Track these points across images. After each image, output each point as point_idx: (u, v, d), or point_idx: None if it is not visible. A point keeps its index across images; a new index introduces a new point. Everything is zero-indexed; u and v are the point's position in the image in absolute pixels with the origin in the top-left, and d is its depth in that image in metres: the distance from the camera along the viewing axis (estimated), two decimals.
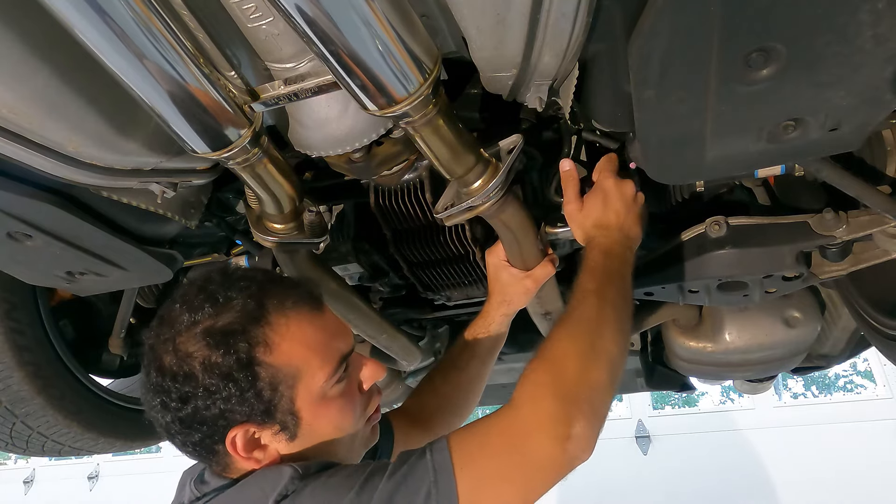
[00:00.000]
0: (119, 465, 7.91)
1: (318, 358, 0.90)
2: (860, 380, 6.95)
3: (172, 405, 0.85)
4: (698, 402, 7.14)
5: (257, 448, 0.89)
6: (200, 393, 0.83)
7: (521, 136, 1.04)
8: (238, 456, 0.87)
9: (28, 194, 1.03)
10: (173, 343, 0.85)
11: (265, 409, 0.86)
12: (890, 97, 0.78)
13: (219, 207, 1.48)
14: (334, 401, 0.92)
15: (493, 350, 1.41)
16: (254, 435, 0.87)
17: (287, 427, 0.89)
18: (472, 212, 1.07)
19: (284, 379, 0.87)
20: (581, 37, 0.78)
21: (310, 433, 0.90)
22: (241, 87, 0.90)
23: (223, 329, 0.85)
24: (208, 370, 0.83)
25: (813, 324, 1.78)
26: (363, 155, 1.13)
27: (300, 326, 0.90)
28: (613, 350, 0.93)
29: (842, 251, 1.31)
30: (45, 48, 0.77)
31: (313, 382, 0.89)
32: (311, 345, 0.90)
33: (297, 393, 0.88)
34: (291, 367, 0.87)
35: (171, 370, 0.84)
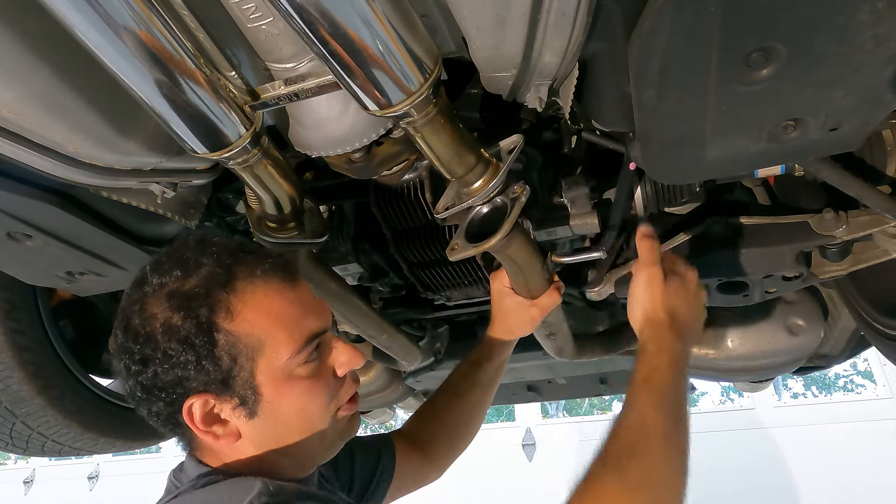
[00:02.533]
0: (119, 465, 7.91)
1: (284, 332, 0.86)
2: (860, 380, 6.95)
3: (133, 368, 0.83)
4: (698, 402, 7.14)
5: (217, 422, 0.85)
6: (159, 357, 0.81)
7: (521, 136, 1.04)
8: (195, 428, 0.84)
9: (28, 194, 1.03)
10: (140, 304, 0.84)
11: (223, 378, 0.83)
12: (890, 97, 0.78)
13: (219, 207, 1.48)
14: (300, 381, 0.88)
15: (496, 378, 1.38)
16: (213, 408, 0.84)
17: (246, 402, 0.85)
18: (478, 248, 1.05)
19: (245, 349, 0.83)
20: (581, 37, 0.78)
21: (272, 413, 0.86)
22: (241, 87, 0.90)
23: (187, 292, 0.83)
24: (168, 333, 0.81)
25: (816, 331, 1.78)
26: (363, 155, 1.13)
27: (267, 296, 0.87)
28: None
29: (842, 251, 1.31)
30: (45, 48, 0.77)
31: (276, 357, 0.85)
32: (277, 317, 0.86)
33: (257, 366, 0.84)
34: (253, 338, 0.84)
35: (135, 331, 0.83)
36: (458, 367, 1.40)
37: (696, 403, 7.14)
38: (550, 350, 1.61)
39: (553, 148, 1.37)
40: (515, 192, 1.05)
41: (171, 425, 0.88)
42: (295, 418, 0.88)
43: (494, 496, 6.28)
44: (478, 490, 6.07)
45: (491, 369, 1.36)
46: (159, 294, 0.83)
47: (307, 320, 0.90)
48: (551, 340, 1.56)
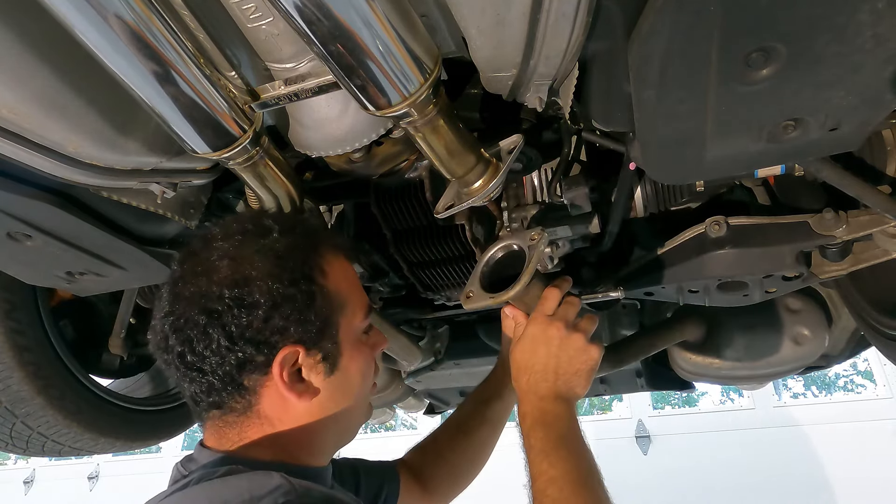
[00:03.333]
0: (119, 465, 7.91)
1: (357, 296, 0.95)
2: (860, 380, 6.96)
3: (227, 316, 0.81)
4: (698, 402, 7.14)
5: (297, 380, 0.86)
6: (263, 300, 0.81)
7: (521, 136, 1.04)
8: (282, 381, 0.83)
9: (28, 194, 1.03)
10: (230, 256, 0.84)
11: (318, 330, 0.86)
12: (890, 97, 0.78)
13: (219, 207, 1.48)
14: (364, 347, 0.95)
15: (504, 416, 1.35)
16: (297, 362, 0.85)
17: (328, 357, 0.88)
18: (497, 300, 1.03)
19: (336, 306, 0.89)
20: (581, 37, 0.78)
21: (344, 373, 0.90)
22: (241, 87, 0.90)
23: (287, 246, 0.86)
24: (275, 279, 0.83)
25: (820, 339, 1.77)
26: (363, 155, 1.13)
27: (343, 265, 0.95)
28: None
29: (842, 251, 1.31)
30: (45, 48, 0.77)
31: (355, 319, 0.93)
32: (352, 283, 0.95)
33: (341, 324, 0.90)
34: (341, 297, 0.90)
35: (232, 279, 0.82)
36: (464, 404, 1.37)
37: (697, 403, 7.15)
38: None
39: (553, 148, 1.37)
40: (534, 239, 1.05)
41: (231, 388, 0.84)
42: (357, 382, 0.94)
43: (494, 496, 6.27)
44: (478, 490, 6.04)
45: (500, 407, 1.32)
46: (253, 247, 0.85)
47: (364, 294, 0.98)
48: None
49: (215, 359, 0.82)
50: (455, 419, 1.36)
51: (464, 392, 2.70)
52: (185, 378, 0.85)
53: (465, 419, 1.34)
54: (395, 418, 7.06)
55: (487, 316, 2.02)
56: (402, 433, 7.67)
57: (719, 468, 6.29)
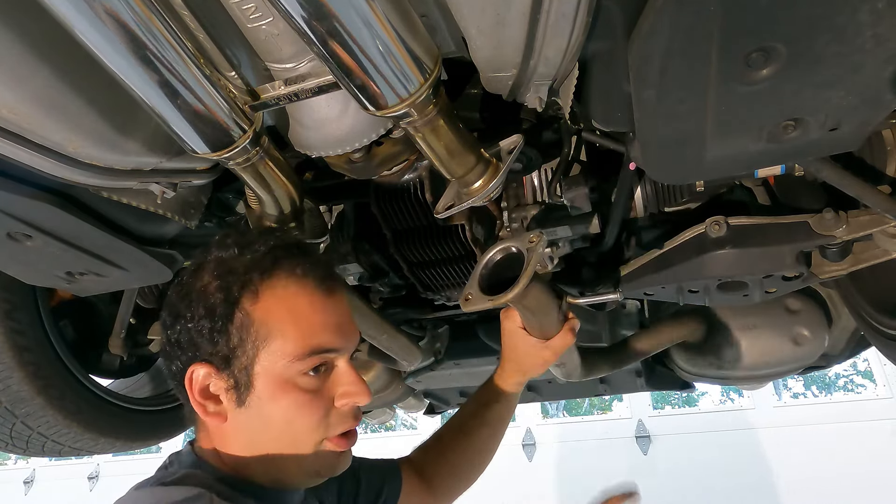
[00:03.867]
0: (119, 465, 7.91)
1: (295, 332, 0.86)
2: (860, 380, 6.95)
3: (168, 321, 0.89)
4: (698, 402, 7.14)
5: (210, 398, 0.87)
6: (186, 316, 0.86)
7: (521, 136, 1.04)
8: (191, 394, 0.86)
9: (28, 194, 1.03)
10: (196, 266, 0.90)
11: (225, 354, 0.85)
12: (890, 97, 0.78)
13: (219, 208, 1.48)
14: (295, 391, 0.86)
15: (505, 417, 1.35)
16: (210, 383, 0.86)
17: (238, 386, 0.86)
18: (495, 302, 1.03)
19: (254, 334, 0.85)
20: (581, 37, 0.78)
21: (257, 409, 0.85)
22: (241, 87, 0.90)
23: (230, 266, 0.88)
24: (200, 296, 0.86)
25: (820, 340, 1.77)
26: (363, 155, 1.13)
27: (295, 294, 0.88)
28: None
29: (842, 251, 1.31)
30: (44, 48, 0.77)
31: (279, 354, 0.85)
32: (295, 316, 0.87)
33: (259, 355, 0.85)
34: (266, 327, 0.85)
35: (180, 287, 0.89)
36: (466, 404, 1.37)
37: (697, 403, 7.15)
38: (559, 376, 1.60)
39: (553, 148, 1.37)
40: (532, 242, 1.04)
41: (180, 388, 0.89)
42: (278, 426, 0.87)
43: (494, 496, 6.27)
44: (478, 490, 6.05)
45: (500, 409, 1.32)
46: (212, 262, 0.89)
47: (324, 332, 0.89)
48: (561, 368, 1.56)
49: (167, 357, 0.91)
50: (457, 420, 1.36)
51: (464, 392, 2.70)
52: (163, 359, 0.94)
53: (467, 420, 1.34)
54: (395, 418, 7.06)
55: (487, 316, 2.02)
56: (402, 433, 7.67)
57: (719, 468, 6.29)
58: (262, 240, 0.91)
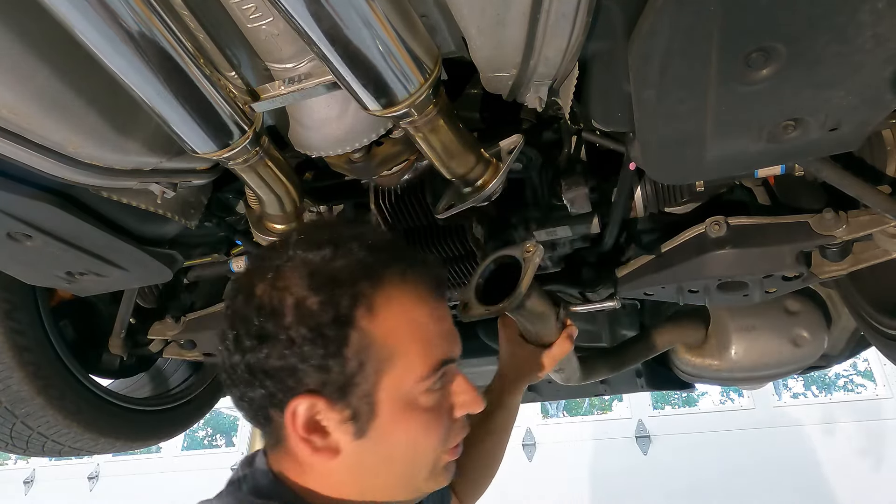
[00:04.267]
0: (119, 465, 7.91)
1: (420, 348, 0.76)
2: (860, 380, 6.95)
3: (247, 343, 0.71)
4: (698, 402, 7.14)
5: (317, 432, 0.73)
6: (282, 338, 0.70)
7: (521, 136, 1.04)
8: (295, 432, 0.72)
9: (28, 194, 1.03)
10: (275, 273, 0.73)
11: (343, 383, 0.71)
12: (890, 97, 0.78)
13: (219, 207, 1.48)
14: (421, 413, 0.77)
15: (508, 424, 1.33)
16: (318, 415, 0.73)
17: (359, 417, 0.73)
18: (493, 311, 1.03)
19: (376, 357, 0.72)
20: (581, 37, 0.78)
21: (381, 438, 0.75)
22: (241, 87, 0.90)
23: (331, 274, 0.72)
24: (299, 314, 0.70)
25: (819, 341, 1.77)
26: (363, 155, 1.13)
27: (412, 303, 0.77)
28: None
29: (842, 251, 1.31)
30: (44, 48, 0.77)
31: (406, 376, 0.75)
32: (418, 329, 0.76)
33: (383, 380, 0.73)
34: (388, 347, 0.73)
35: (260, 300, 0.72)
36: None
37: (697, 403, 7.15)
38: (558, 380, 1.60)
39: (553, 148, 1.37)
40: (529, 252, 1.03)
41: (262, 418, 0.77)
42: (403, 452, 0.78)
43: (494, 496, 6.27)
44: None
45: (503, 416, 1.30)
46: (299, 268, 0.73)
47: (445, 342, 0.80)
48: (560, 373, 1.56)
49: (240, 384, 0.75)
50: None
51: None
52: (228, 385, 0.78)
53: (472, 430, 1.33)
54: None
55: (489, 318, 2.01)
56: None
57: (719, 468, 6.29)
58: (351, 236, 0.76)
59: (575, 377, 1.63)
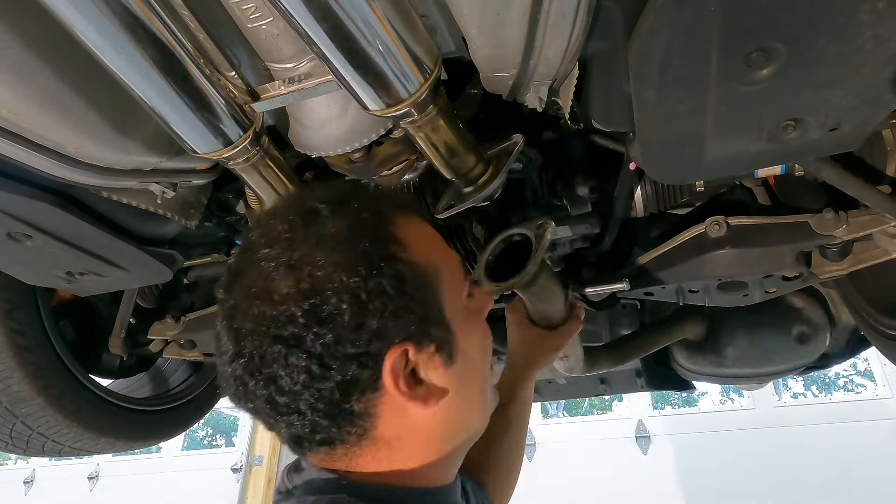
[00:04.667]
0: (119, 465, 7.91)
1: (450, 259, 0.76)
2: (860, 380, 6.95)
3: (308, 337, 0.63)
4: (698, 402, 7.14)
5: (417, 384, 0.69)
6: (346, 305, 0.63)
7: (521, 136, 1.04)
8: (399, 394, 0.67)
9: (28, 194, 1.03)
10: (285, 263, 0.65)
11: (421, 318, 0.68)
12: (890, 97, 0.78)
13: (219, 207, 1.48)
14: (476, 315, 0.78)
15: (525, 415, 1.32)
16: (410, 363, 0.68)
17: (443, 345, 0.70)
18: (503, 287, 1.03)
19: (430, 280, 0.70)
20: (581, 37, 0.78)
21: (466, 356, 0.73)
22: (241, 87, 0.90)
23: (348, 226, 0.67)
24: (350, 272, 0.63)
25: (822, 338, 1.78)
26: (363, 155, 1.13)
27: (422, 225, 0.76)
28: None
29: (842, 251, 1.31)
30: (45, 48, 0.77)
31: (455, 287, 0.74)
32: (438, 245, 0.76)
33: (443, 300, 0.71)
34: (432, 267, 0.71)
35: (299, 289, 0.63)
36: None
37: (697, 403, 7.15)
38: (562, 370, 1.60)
39: (553, 148, 1.37)
40: (540, 228, 1.03)
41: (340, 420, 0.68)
42: (480, 360, 0.77)
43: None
44: None
45: (518, 408, 1.28)
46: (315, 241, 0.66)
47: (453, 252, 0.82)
48: (564, 361, 1.56)
49: (311, 392, 0.65)
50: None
51: None
52: (283, 423, 0.68)
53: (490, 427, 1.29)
54: None
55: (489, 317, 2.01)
56: None
57: (719, 468, 6.29)
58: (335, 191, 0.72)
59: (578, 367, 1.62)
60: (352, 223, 0.67)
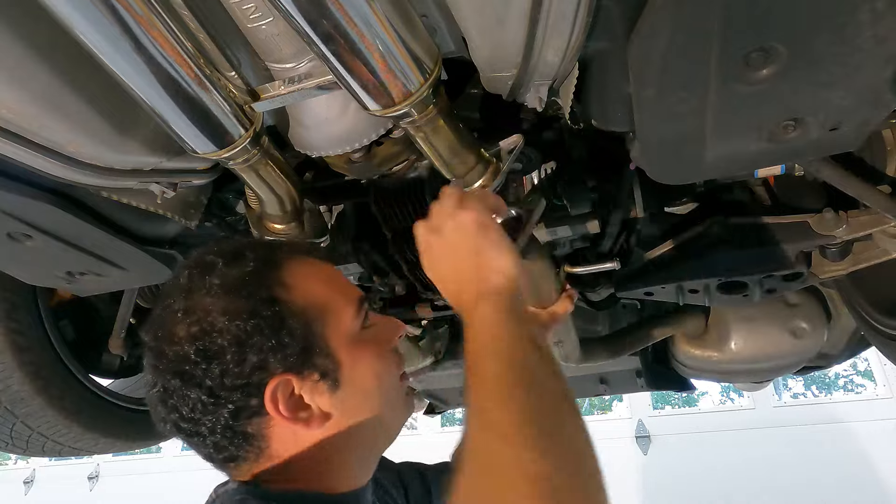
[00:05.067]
0: (119, 465, 7.91)
1: (339, 294, 0.84)
2: (860, 380, 6.96)
3: (198, 373, 0.73)
4: (698, 402, 7.14)
5: (300, 407, 0.77)
6: (227, 343, 0.73)
7: (521, 136, 1.04)
8: (282, 416, 0.75)
9: (28, 194, 1.03)
10: (183, 308, 0.76)
11: (302, 350, 0.76)
12: (890, 97, 0.78)
13: (219, 207, 1.47)
14: (368, 345, 0.84)
15: None
16: (293, 391, 0.76)
17: (327, 372, 0.78)
18: None
19: (312, 315, 0.79)
20: (581, 37, 0.78)
21: (351, 382, 0.80)
22: (241, 87, 0.90)
23: (239, 275, 0.77)
24: (233, 316, 0.74)
25: (819, 334, 1.78)
26: (363, 155, 1.13)
27: (314, 268, 0.86)
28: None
29: (842, 251, 1.31)
30: (45, 48, 0.77)
31: (343, 319, 0.82)
32: (330, 283, 0.85)
33: (328, 331, 0.80)
34: (317, 305, 0.80)
35: (189, 333, 0.74)
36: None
37: (697, 403, 7.15)
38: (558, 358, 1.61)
39: (553, 148, 1.37)
40: (532, 201, 1.05)
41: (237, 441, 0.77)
42: (372, 384, 0.83)
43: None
44: None
45: None
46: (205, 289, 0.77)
47: (352, 287, 0.89)
48: (559, 347, 1.56)
49: (208, 418, 0.75)
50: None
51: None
52: (192, 444, 0.79)
53: None
54: None
55: None
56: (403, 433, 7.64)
57: (719, 468, 6.29)
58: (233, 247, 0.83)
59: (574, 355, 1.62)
60: (240, 273, 0.78)
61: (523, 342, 0.70)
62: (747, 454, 6.32)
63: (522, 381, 0.66)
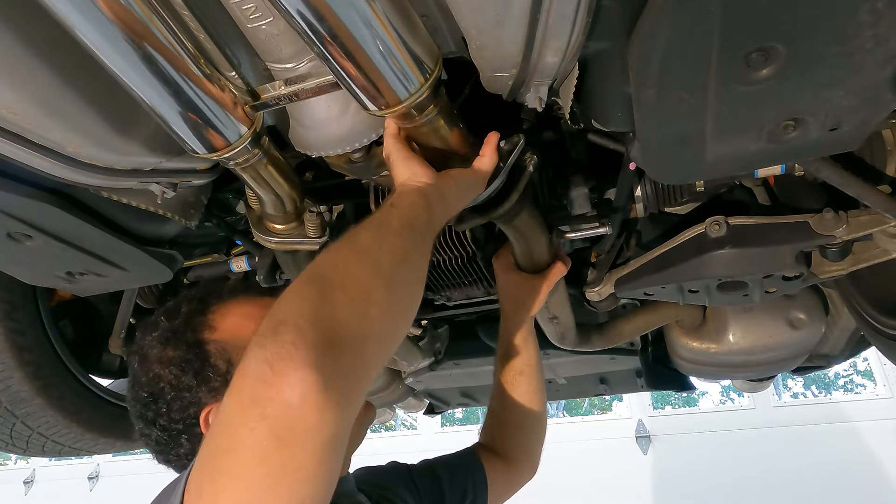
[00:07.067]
0: (119, 465, 7.91)
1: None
2: (860, 380, 6.97)
3: (149, 414, 0.90)
4: (698, 402, 7.15)
5: None
6: (164, 387, 0.89)
7: (521, 136, 1.04)
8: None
9: (28, 194, 1.03)
10: (138, 356, 0.94)
11: (225, 381, 0.88)
12: (890, 97, 0.78)
13: (219, 208, 1.48)
14: None
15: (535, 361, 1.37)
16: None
17: None
18: (486, 217, 1.06)
19: (234, 349, 0.90)
20: (581, 37, 0.78)
21: None
22: (241, 87, 0.90)
23: (172, 328, 0.93)
24: (165, 364, 0.90)
25: (817, 325, 1.78)
26: (363, 155, 1.13)
27: (239, 305, 0.97)
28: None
29: (842, 251, 1.31)
30: (45, 48, 0.77)
31: None
32: (254, 318, 0.94)
33: None
34: (239, 339, 0.91)
35: (139, 379, 0.92)
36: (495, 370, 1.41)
37: (697, 403, 7.15)
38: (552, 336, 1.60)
39: (553, 148, 1.37)
40: (524, 162, 1.05)
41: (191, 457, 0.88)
42: None
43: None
44: None
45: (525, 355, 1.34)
46: (151, 342, 0.94)
47: None
48: (553, 325, 1.56)
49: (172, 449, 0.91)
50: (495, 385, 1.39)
51: (464, 392, 2.70)
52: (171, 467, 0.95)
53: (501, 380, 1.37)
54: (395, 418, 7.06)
55: (487, 316, 2.02)
56: (402, 433, 7.66)
57: (719, 468, 6.30)
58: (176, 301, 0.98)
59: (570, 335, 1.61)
60: (172, 326, 0.94)
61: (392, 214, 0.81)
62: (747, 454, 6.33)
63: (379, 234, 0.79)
